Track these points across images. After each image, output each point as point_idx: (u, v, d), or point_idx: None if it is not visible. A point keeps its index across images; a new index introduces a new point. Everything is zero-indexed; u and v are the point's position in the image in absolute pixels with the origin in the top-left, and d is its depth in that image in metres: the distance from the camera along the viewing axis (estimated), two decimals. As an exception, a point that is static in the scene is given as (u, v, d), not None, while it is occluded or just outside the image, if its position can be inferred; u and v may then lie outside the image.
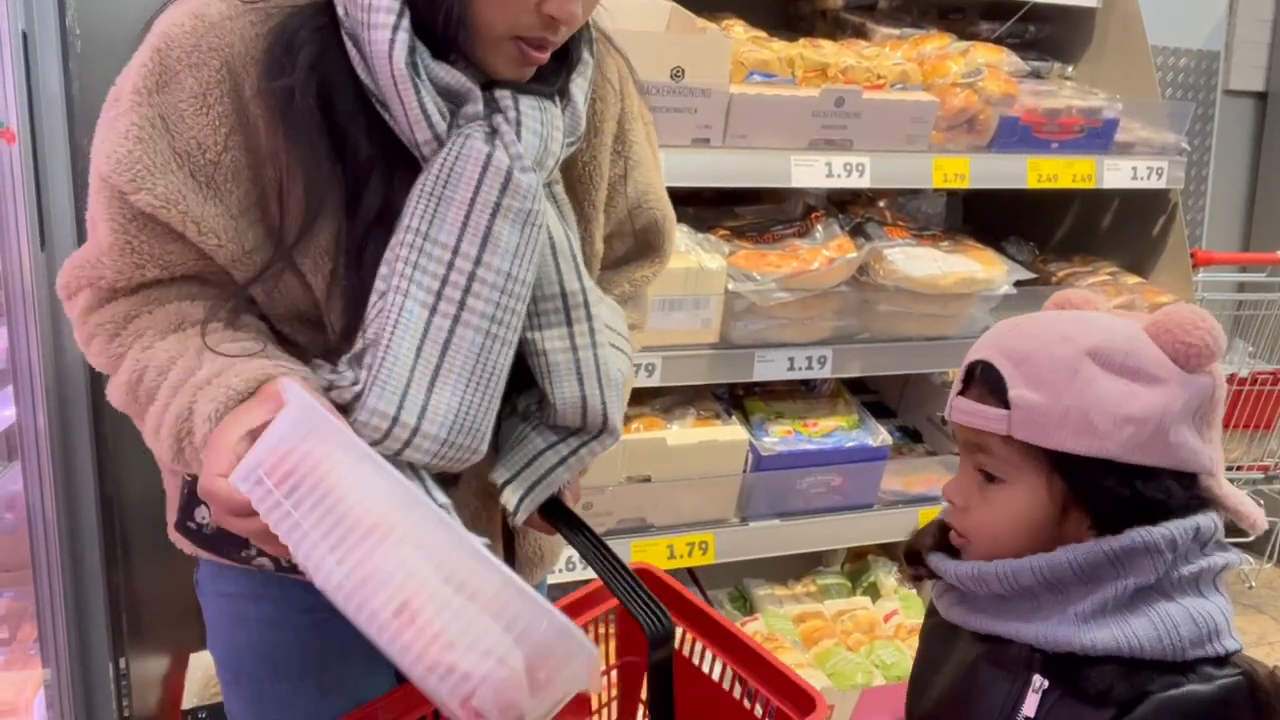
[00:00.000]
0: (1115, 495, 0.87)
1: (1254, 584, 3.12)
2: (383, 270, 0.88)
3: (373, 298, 0.88)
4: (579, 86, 0.97)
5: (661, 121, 1.78)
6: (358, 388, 0.86)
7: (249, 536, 0.79)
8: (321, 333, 0.93)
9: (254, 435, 0.78)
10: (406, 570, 0.68)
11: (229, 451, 0.78)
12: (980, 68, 2.06)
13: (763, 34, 2.09)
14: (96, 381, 1.78)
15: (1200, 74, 3.23)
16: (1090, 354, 0.87)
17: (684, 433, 1.96)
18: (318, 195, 0.87)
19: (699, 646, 1.11)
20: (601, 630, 1.13)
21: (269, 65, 0.85)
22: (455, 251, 0.87)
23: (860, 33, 2.27)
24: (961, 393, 0.94)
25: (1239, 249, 3.37)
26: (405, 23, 0.83)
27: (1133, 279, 2.29)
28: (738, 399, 2.17)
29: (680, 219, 2.04)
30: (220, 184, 0.87)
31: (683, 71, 1.74)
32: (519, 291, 0.90)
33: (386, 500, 0.70)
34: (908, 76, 2.03)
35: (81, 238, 1.30)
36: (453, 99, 0.87)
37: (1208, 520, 0.88)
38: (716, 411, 2.06)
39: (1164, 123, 2.22)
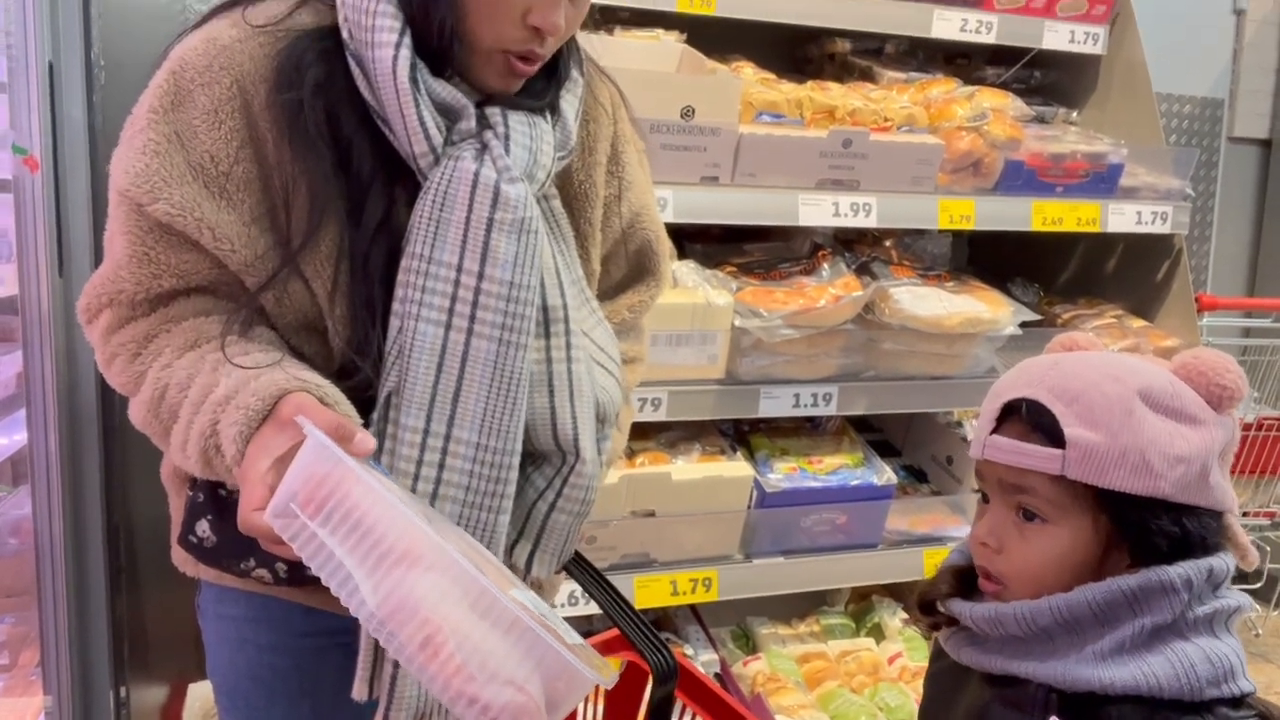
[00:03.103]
0: (1166, 534, 0.87)
1: (1261, 632, 3.09)
2: (396, 305, 0.92)
3: (391, 330, 0.92)
4: (568, 103, 1.02)
5: (671, 159, 1.82)
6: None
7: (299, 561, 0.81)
8: (323, 342, 0.97)
9: (282, 462, 0.81)
10: (431, 602, 0.71)
11: (261, 485, 0.80)
12: (985, 112, 2.09)
13: (771, 76, 2.12)
14: (107, 408, 1.80)
15: (1204, 121, 3.26)
16: (1140, 394, 0.87)
17: (689, 468, 1.97)
18: (321, 204, 0.91)
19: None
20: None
21: (278, 82, 0.90)
22: (459, 269, 0.92)
23: (867, 76, 2.31)
24: (996, 431, 0.93)
25: (1244, 294, 3.39)
26: (407, 40, 0.89)
27: (1138, 322, 2.30)
28: (743, 435, 2.18)
29: (688, 255, 2.08)
30: (232, 193, 0.91)
31: (693, 111, 1.77)
32: (525, 297, 0.94)
33: (409, 531, 0.73)
34: (914, 119, 2.06)
35: (99, 264, 1.34)
36: (448, 115, 0.93)
37: (1220, 561, 0.88)
38: (722, 447, 2.07)
39: (1168, 168, 2.24)
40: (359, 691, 0.94)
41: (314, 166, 0.91)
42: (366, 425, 0.92)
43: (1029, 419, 0.90)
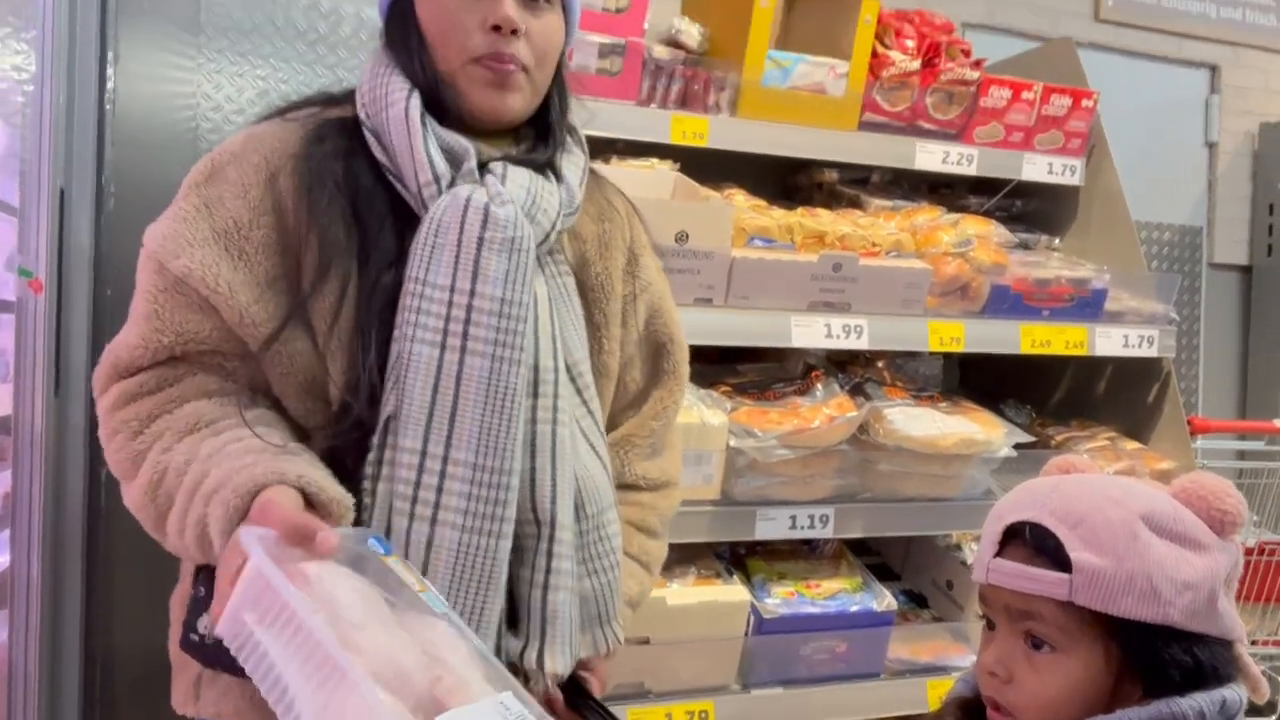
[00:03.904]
0: (1179, 663, 0.85)
1: (1279, 767, 2.97)
2: (395, 332, 0.97)
3: (390, 358, 0.97)
4: (570, 169, 1.09)
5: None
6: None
7: None
8: (326, 404, 1.00)
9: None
10: (355, 703, 0.70)
11: (223, 598, 0.81)
12: (970, 238, 2.15)
13: (762, 203, 2.19)
14: (92, 533, 1.77)
15: (1184, 247, 3.35)
16: (1144, 518, 0.86)
17: (684, 591, 1.93)
18: (330, 251, 0.99)
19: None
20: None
21: (302, 151, 1.02)
22: (452, 289, 0.96)
23: (855, 204, 2.38)
24: (999, 554, 0.91)
25: (1235, 417, 3.40)
26: (416, 97, 1.01)
27: (1132, 445, 2.30)
28: (739, 558, 2.14)
29: (683, 376, 2.10)
30: (250, 255, 0.98)
31: (687, 235, 1.81)
32: (517, 313, 0.98)
33: (326, 655, 0.72)
34: (901, 245, 2.11)
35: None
36: (452, 157, 1.01)
37: (1233, 693, 0.86)
38: (718, 570, 2.03)
39: (1151, 293, 2.29)
40: None
41: (327, 216, 0.99)
42: (366, 452, 0.95)
43: (1033, 542, 0.89)
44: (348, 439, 0.98)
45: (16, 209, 1.44)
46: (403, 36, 1.05)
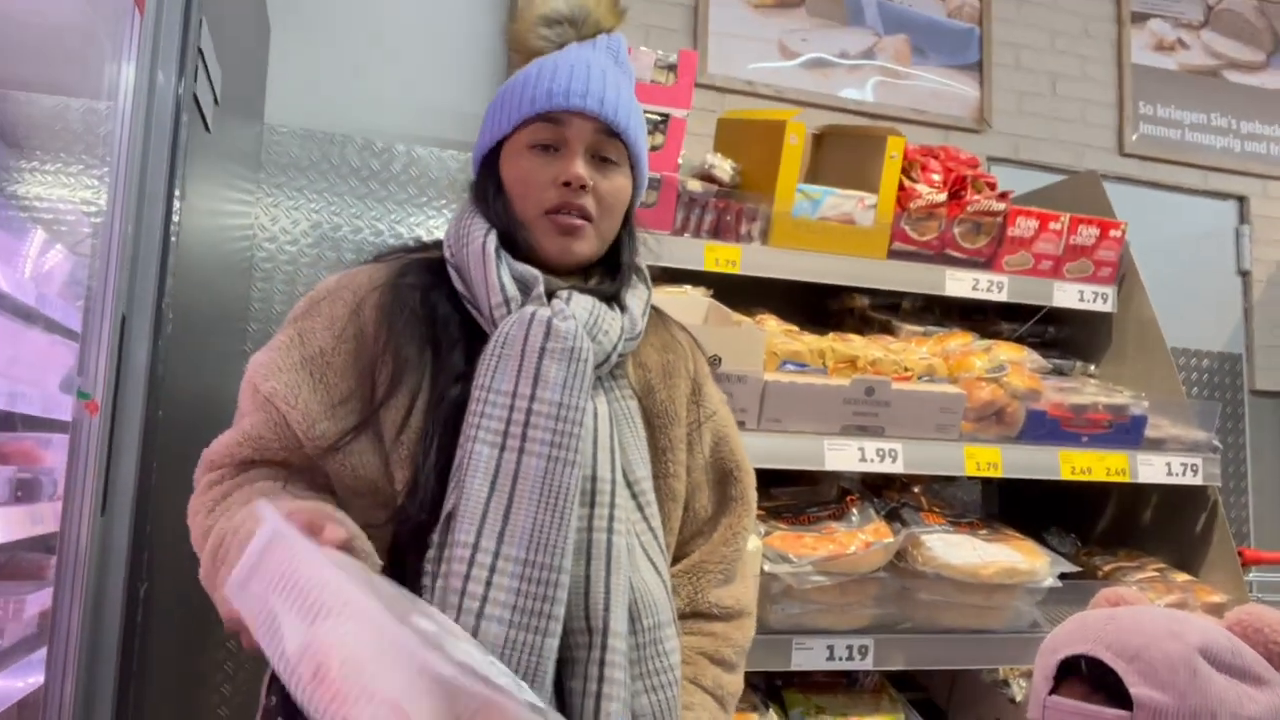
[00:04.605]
0: None
1: None
2: (461, 438, 1.04)
3: (455, 460, 1.03)
4: (633, 300, 1.18)
5: (699, 406, 1.87)
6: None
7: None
8: (381, 504, 1.07)
9: None
10: (336, 641, 0.75)
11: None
12: (1004, 364, 2.16)
13: (794, 328, 2.22)
14: (126, 652, 1.77)
15: (1225, 374, 3.32)
16: (1202, 651, 0.85)
17: (719, 725, 1.87)
18: (402, 369, 1.09)
19: None
20: None
21: (386, 282, 1.15)
22: (514, 394, 1.03)
23: (886, 329, 2.41)
24: (1055, 690, 0.89)
25: (1289, 548, 3.29)
26: (493, 235, 1.13)
27: (1182, 576, 2.23)
28: (775, 689, 2.08)
29: (716, 500, 2.09)
30: (330, 379, 1.10)
31: (719, 360, 1.85)
32: (573, 417, 1.04)
33: (337, 588, 0.78)
34: (934, 370, 2.13)
35: (140, 508, 1.47)
36: (523, 284, 1.12)
37: None
38: (754, 703, 1.97)
39: (1192, 420, 2.26)
40: None
41: (402, 337, 1.09)
42: (426, 549, 1.01)
43: (1090, 677, 0.87)
44: (408, 538, 1.03)
45: (77, 334, 1.52)
46: (488, 188, 1.18)
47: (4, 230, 1.34)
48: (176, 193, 1.49)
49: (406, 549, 1.03)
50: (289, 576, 0.80)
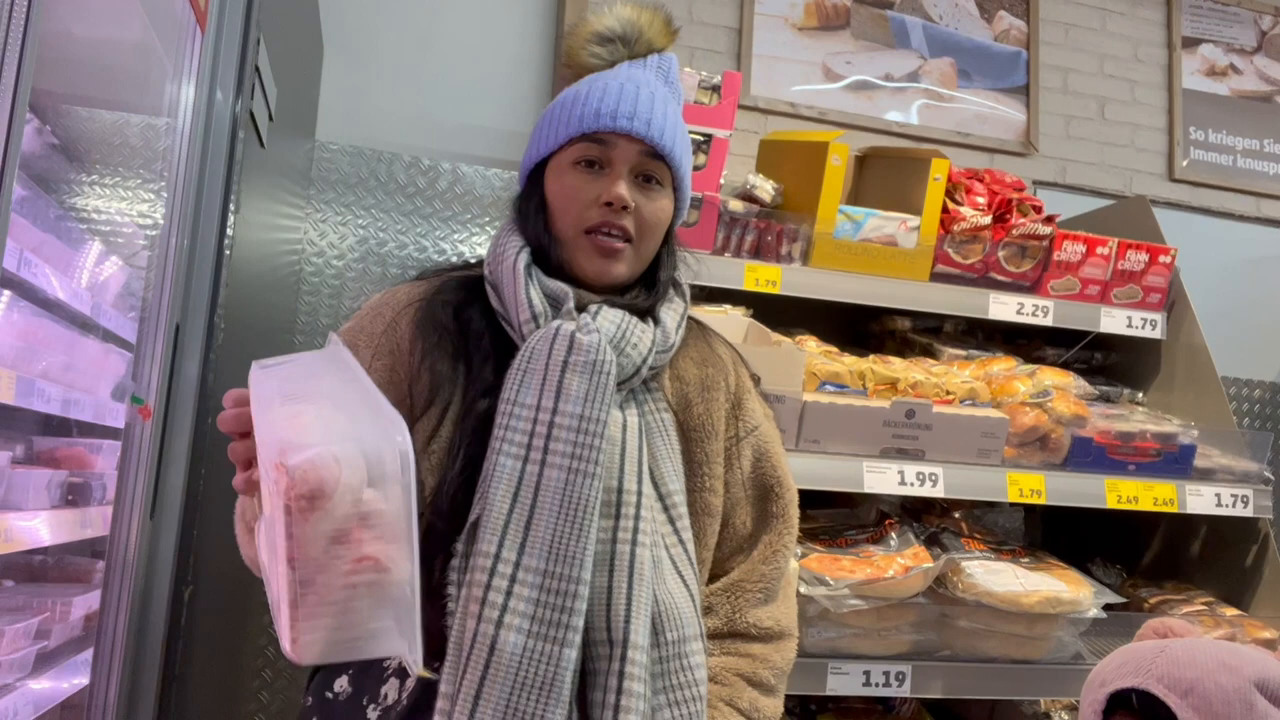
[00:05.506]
0: None
1: None
2: (488, 451, 1.06)
3: (482, 472, 1.05)
4: (667, 314, 1.19)
5: (738, 426, 1.87)
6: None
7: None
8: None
9: None
10: (314, 409, 0.83)
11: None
12: (1049, 389, 2.13)
13: (834, 349, 2.22)
14: (170, 655, 1.80)
15: (1277, 405, 3.24)
16: (1258, 685, 0.83)
17: (753, 748, 1.85)
18: (435, 383, 1.12)
19: None
20: None
21: (422, 299, 1.19)
22: (537, 408, 1.05)
23: (928, 352, 2.39)
24: None
25: (1347, 585, 3.18)
26: (526, 251, 1.17)
27: (1231, 610, 2.18)
28: (810, 713, 2.06)
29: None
30: None
31: (758, 379, 1.84)
32: (594, 429, 1.05)
33: (331, 387, 0.88)
34: (976, 394, 2.10)
35: (188, 512, 1.49)
36: (553, 300, 1.14)
37: None
38: (788, 727, 1.95)
39: (1244, 451, 2.21)
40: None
41: (436, 352, 1.13)
42: (451, 558, 1.04)
43: (1141, 712, 0.85)
44: (434, 546, 1.04)
45: (130, 343, 1.56)
46: (531, 202, 1.21)
47: (63, 241, 1.38)
48: (231, 207, 1.53)
49: (432, 557, 1.04)
50: (296, 374, 0.90)
